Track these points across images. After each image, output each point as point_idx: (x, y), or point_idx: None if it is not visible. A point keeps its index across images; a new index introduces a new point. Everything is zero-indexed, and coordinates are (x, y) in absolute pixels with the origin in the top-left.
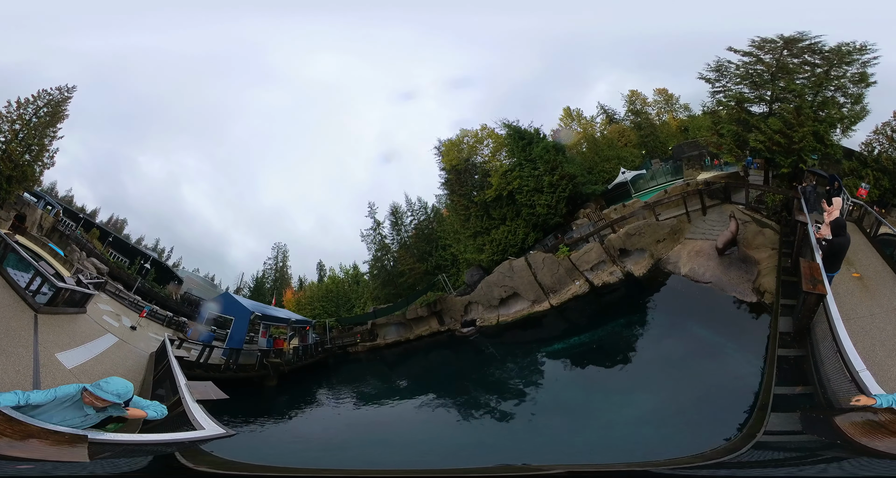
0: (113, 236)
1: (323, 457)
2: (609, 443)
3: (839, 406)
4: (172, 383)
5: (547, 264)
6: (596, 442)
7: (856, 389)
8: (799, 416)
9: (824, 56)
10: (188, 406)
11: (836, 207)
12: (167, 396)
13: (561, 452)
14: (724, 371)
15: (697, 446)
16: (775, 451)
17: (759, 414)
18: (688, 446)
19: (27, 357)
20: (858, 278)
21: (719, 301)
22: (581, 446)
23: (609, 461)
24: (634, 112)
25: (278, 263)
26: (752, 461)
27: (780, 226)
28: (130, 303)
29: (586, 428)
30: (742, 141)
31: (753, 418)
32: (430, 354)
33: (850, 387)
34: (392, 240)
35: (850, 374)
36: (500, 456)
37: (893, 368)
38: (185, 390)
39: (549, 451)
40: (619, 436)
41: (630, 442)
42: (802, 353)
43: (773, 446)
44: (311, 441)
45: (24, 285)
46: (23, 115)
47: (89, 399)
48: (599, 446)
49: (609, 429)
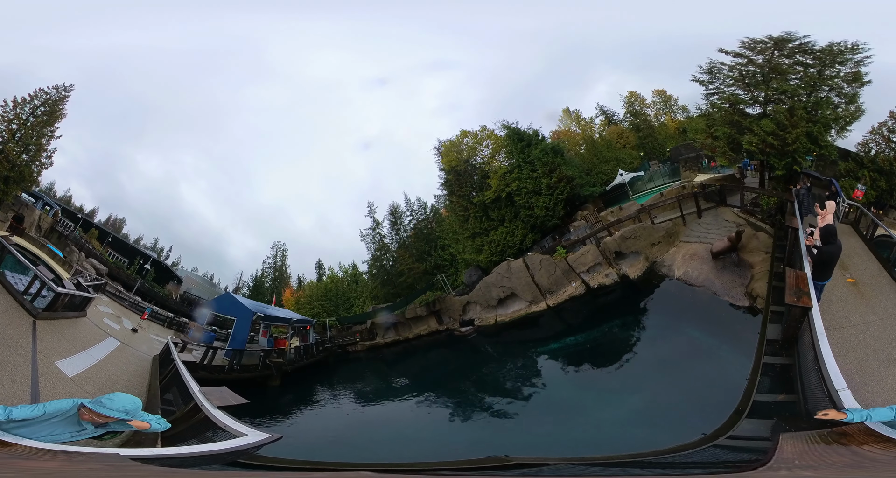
0: (112, 236)
1: (334, 454)
2: (596, 441)
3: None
4: (181, 389)
5: (544, 266)
6: (583, 440)
7: (831, 405)
8: (772, 424)
9: (816, 56)
10: (210, 413)
11: (830, 211)
12: (176, 402)
13: (548, 449)
14: (716, 374)
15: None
16: (731, 452)
17: (732, 418)
18: (668, 445)
19: (25, 367)
20: (853, 284)
21: (712, 304)
22: (566, 443)
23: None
24: (633, 113)
25: (277, 262)
26: (685, 462)
27: (774, 229)
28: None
29: (577, 426)
30: (735, 143)
31: (725, 422)
32: (429, 353)
33: (827, 404)
34: (391, 239)
35: (827, 391)
36: (493, 452)
37: (887, 378)
38: (202, 398)
39: (536, 448)
40: (606, 434)
41: (615, 440)
42: (789, 361)
43: (730, 448)
44: (321, 438)
45: (23, 290)
46: (20, 114)
47: (89, 416)
48: (585, 444)
49: (597, 427)
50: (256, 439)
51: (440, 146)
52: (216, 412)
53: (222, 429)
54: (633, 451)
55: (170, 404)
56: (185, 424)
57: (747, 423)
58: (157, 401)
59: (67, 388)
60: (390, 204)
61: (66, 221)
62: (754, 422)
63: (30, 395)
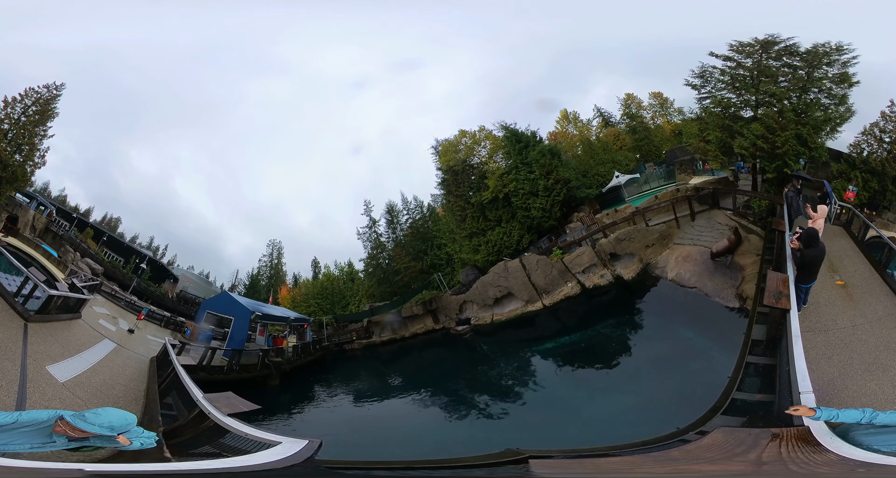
0: (107, 235)
1: (339, 453)
2: (583, 437)
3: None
4: (181, 394)
5: (541, 266)
6: (572, 436)
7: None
8: (744, 421)
9: (802, 57)
10: (223, 422)
11: (821, 215)
12: (177, 407)
13: (539, 445)
14: (705, 373)
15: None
16: (690, 446)
17: (707, 415)
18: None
19: (13, 372)
20: (843, 286)
21: (704, 305)
22: (555, 440)
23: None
24: (630, 116)
25: (273, 260)
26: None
27: (765, 232)
28: (127, 304)
29: (568, 424)
30: (727, 147)
31: (699, 418)
32: (425, 351)
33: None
34: (388, 238)
35: (792, 393)
36: (487, 449)
37: (870, 383)
38: (208, 406)
39: (529, 445)
40: (595, 431)
41: (603, 436)
42: (773, 362)
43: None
44: (324, 437)
45: (14, 292)
46: (10, 114)
47: (62, 429)
48: (573, 440)
49: (586, 425)
50: (301, 447)
51: (438, 146)
52: (228, 420)
53: (234, 436)
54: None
55: (170, 408)
56: (193, 431)
57: (718, 419)
58: (156, 406)
59: (58, 394)
60: (387, 202)
61: (60, 220)
62: (725, 419)
63: (16, 401)
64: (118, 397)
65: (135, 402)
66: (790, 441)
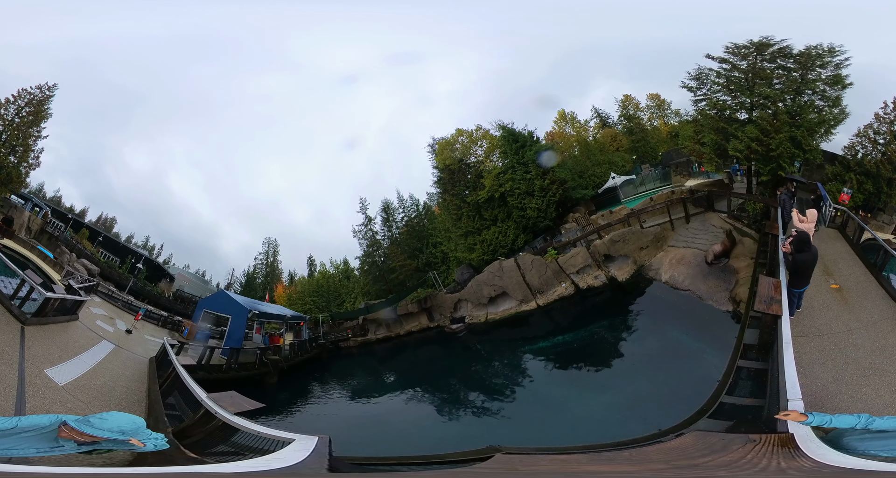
0: (103, 236)
1: (340, 451)
2: (570, 435)
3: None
4: (184, 395)
5: (535, 266)
6: (560, 434)
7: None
8: (729, 425)
9: (796, 59)
10: (231, 421)
11: (811, 219)
12: (180, 407)
13: (524, 442)
14: (696, 375)
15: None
16: (651, 448)
17: (693, 417)
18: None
19: (11, 376)
20: (837, 290)
21: (697, 308)
22: (541, 438)
23: None
24: (627, 117)
25: (269, 257)
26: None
27: (759, 235)
28: (124, 304)
29: (557, 422)
30: (722, 150)
31: (684, 420)
32: (420, 349)
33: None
34: (383, 236)
35: (779, 401)
36: (475, 445)
37: (865, 388)
38: (214, 405)
39: (519, 442)
40: (583, 429)
41: (588, 435)
42: (764, 366)
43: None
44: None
45: (10, 294)
46: (3, 115)
47: (68, 434)
48: (560, 437)
49: (574, 423)
50: (313, 444)
51: (434, 144)
52: (236, 419)
53: (246, 434)
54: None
55: (172, 408)
56: (202, 431)
57: (704, 422)
58: (159, 407)
59: (59, 397)
60: (383, 200)
61: (56, 221)
62: (711, 422)
63: (14, 406)
64: (120, 398)
65: (138, 403)
66: (767, 447)
